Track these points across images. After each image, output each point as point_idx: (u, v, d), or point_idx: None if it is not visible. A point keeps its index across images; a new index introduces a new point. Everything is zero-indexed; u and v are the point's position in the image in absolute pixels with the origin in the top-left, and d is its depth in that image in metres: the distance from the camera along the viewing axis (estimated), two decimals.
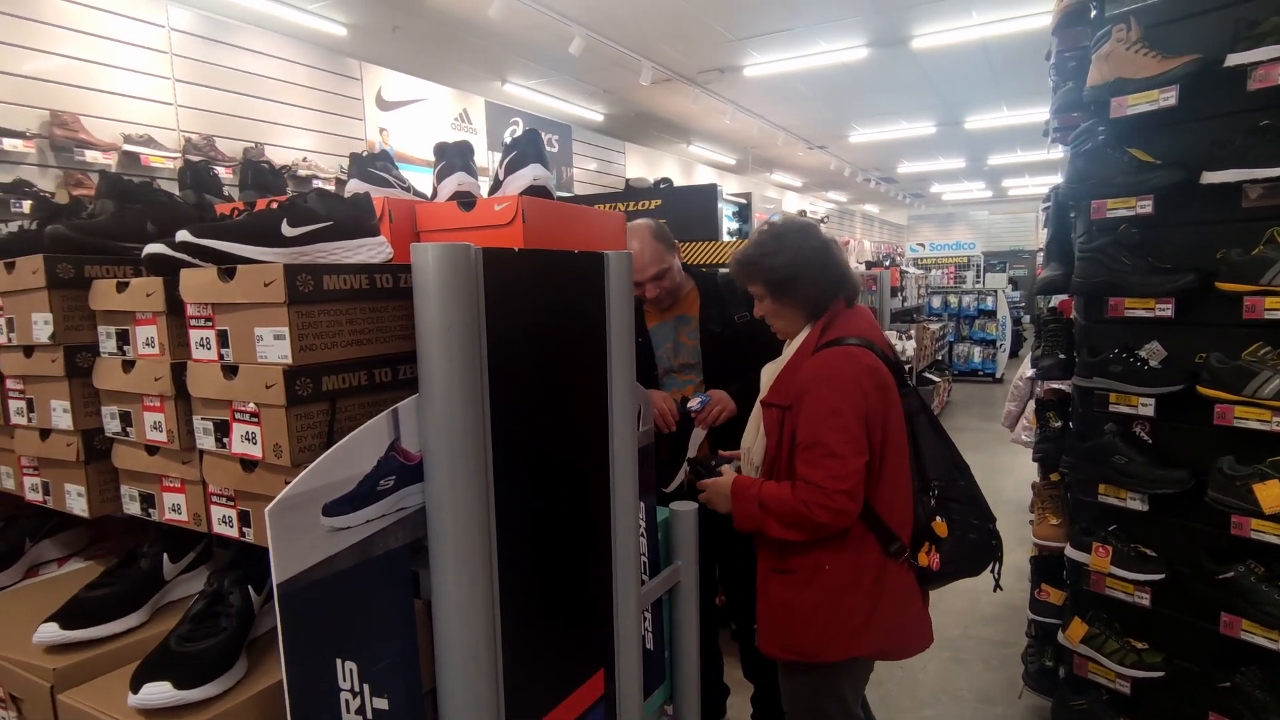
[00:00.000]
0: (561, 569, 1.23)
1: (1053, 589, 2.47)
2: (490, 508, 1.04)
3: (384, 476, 0.96)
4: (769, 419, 1.71)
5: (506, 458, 1.06)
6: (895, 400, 1.66)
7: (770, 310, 1.74)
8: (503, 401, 1.05)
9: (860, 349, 1.64)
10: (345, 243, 1.06)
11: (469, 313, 0.98)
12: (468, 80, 7.07)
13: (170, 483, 1.06)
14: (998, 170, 15.04)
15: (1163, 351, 2.04)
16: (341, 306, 0.94)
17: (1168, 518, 2.06)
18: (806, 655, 1.68)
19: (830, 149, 12.19)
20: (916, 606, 1.72)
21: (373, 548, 0.95)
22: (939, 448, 1.73)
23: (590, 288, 1.25)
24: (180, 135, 4.31)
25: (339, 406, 0.95)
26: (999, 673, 2.95)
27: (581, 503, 1.27)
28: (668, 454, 2.19)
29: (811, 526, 1.58)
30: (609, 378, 1.31)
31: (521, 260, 1.09)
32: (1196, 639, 2.03)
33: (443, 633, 1.01)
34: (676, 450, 2.19)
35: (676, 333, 2.34)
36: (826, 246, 1.73)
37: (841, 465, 1.55)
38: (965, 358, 10.30)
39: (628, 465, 1.35)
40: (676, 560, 1.63)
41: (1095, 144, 2.13)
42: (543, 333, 1.14)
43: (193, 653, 0.88)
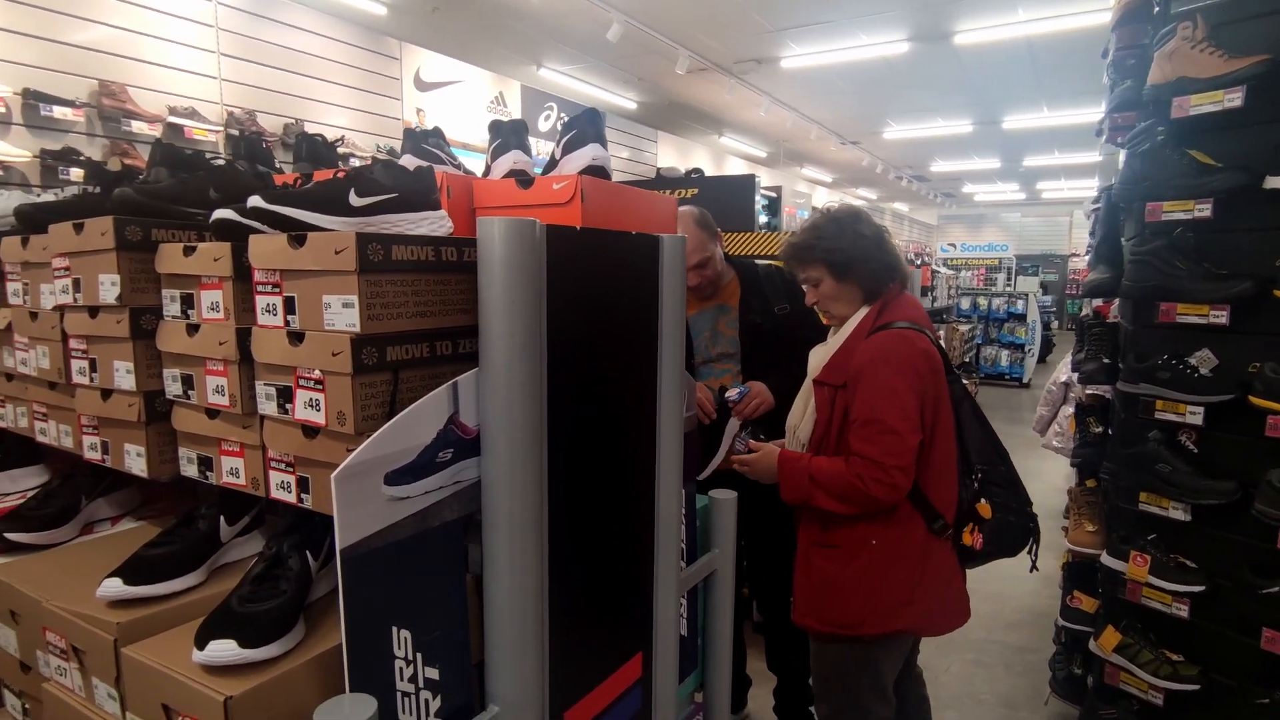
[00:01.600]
0: (606, 550, 1.23)
1: (1085, 596, 2.44)
2: (544, 483, 1.04)
3: (443, 449, 0.96)
4: (820, 397, 1.73)
5: (560, 436, 1.07)
6: (945, 385, 1.68)
7: (829, 293, 1.74)
8: (559, 379, 1.05)
9: (914, 332, 1.65)
10: (409, 215, 1.06)
11: (532, 288, 0.98)
12: (504, 63, 7.06)
13: (229, 446, 1.07)
14: (1033, 172, 14.79)
15: (1214, 359, 1.99)
16: (408, 277, 0.94)
17: (1211, 529, 2.02)
18: (847, 628, 1.70)
19: (863, 145, 12.05)
20: (957, 584, 1.76)
21: (430, 519, 0.95)
22: (982, 434, 1.75)
23: (645, 270, 1.25)
24: (223, 109, 4.36)
25: (402, 377, 0.96)
26: (1023, 678, 2.92)
27: (627, 485, 1.27)
28: (701, 443, 2.19)
29: (865, 500, 1.60)
30: (659, 361, 1.30)
31: (582, 239, 1.09)
32: (1235, 654, 1.99)
33: (493, 607, 1.01)
34: (710, 439, 2.18)
35: (715, 321, 2.33)
36: (881, 231, 1.75)
37: (898, 442, 1.57)
38: (993, 361, 10.17)
39: (674, 450, 1.34)
40: (714, 548, 1.63)
41: (1153, 144, 2.08)
42: (598, 313, 1.14)
43: (255, 613, 0.89)
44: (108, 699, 0.96)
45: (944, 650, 3.08)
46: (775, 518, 2.10)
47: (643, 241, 1.23)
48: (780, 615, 2.33)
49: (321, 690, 0.92)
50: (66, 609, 1.01)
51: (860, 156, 12.72)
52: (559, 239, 1.03)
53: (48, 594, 1.06)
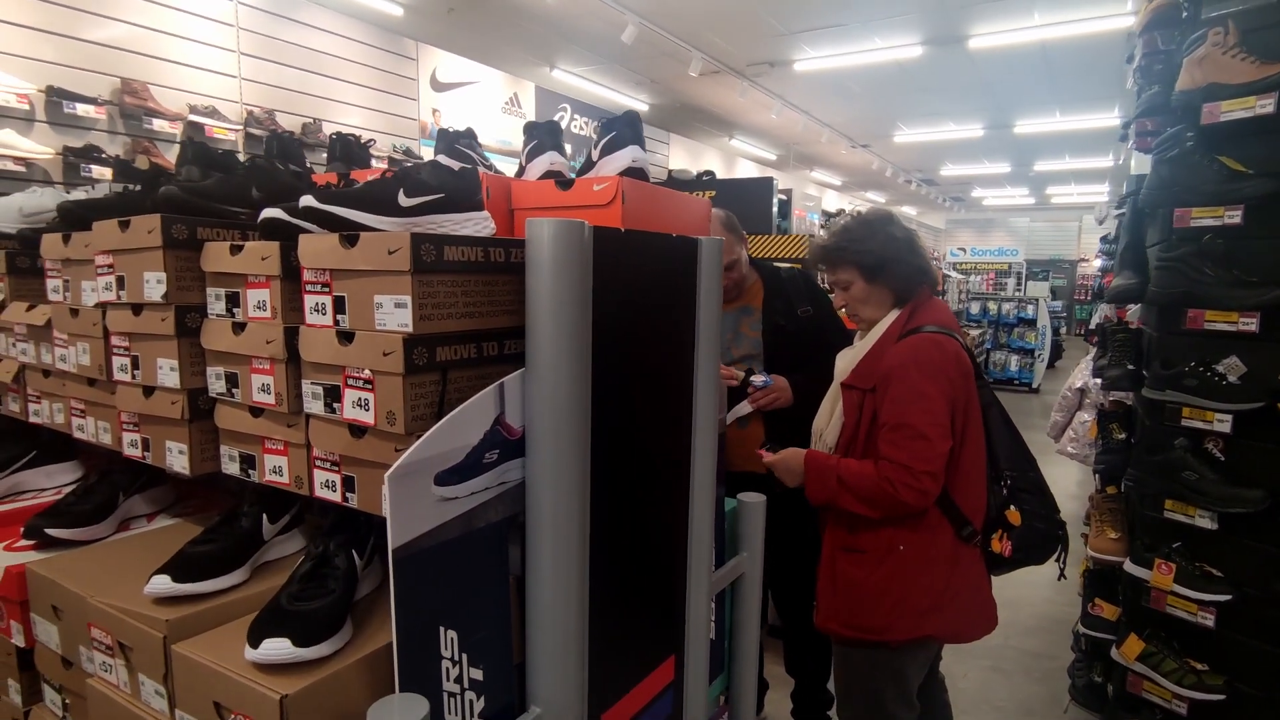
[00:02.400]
0: (643, 553, 1.23)
1: (1106, 604, 2.43)
2: (587, 485, 1.04)
3: (489, 449, 0.96)
4: (849, 401, 1.72)
5: (603, 438, 1.07)
6: (974, 390, 1.68)
7: (860, 295, 1.74)
8: (602, 381, 1.05)
9: (945, 337, 1.65)
10: (454, 215, 1.07)
11: (580, 290, 0.98)
12: (519, 65, 7.09)
13: (273, 445, 1.07)
14: (1043, 177, 14.75)
15: (1242, 367, 1.98)
16: (458, 278, 0.94)
17: (1238, 538, 2.01)
18: (873, 633, 1.69)
19: (873, 148, 12.03)
20: (985, 592, 1.75)
21: (476, 519, 0.96)
22: (1010, 440, 1.74)
23: (684, 272, 1.25)
24: (242, 108, 4.38)
25: (450, 378, 0.96)
26: (1041, 685, 2.91)
27: (664, 487, 1.27)
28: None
29: (893, 504, 1.60)
30: (696, 364, 1.30)
31: (626, 241, 1.09)
32: (1262, 663, 1.98)
33: (536, 608, 1.01)
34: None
35: (739, 323, 2.33)
36: (912, 234, 1.75)
37: (928, 447, 1.57)
38: (1002, 366, 10.14)
39: (709, 452, 1.34)
40: (742, 551, 1.62)
41: (1182, 150, 2.07)
42: (640, 315, 1.14)
43: (306, 611, 0.89)
44: (155, 696, 0.97)
45: (961, 656, 3.07)
46: (796, 520, 2.10)
47: (682, 244, 1.23)
48: (800, 619, 2.32)
49: (371, 690, 0.92)
50: (114, 605, 1.01)
51: (870, 160, 12.71)
52: (606, 241, 1.03)
53: (92, 590, 1.07)
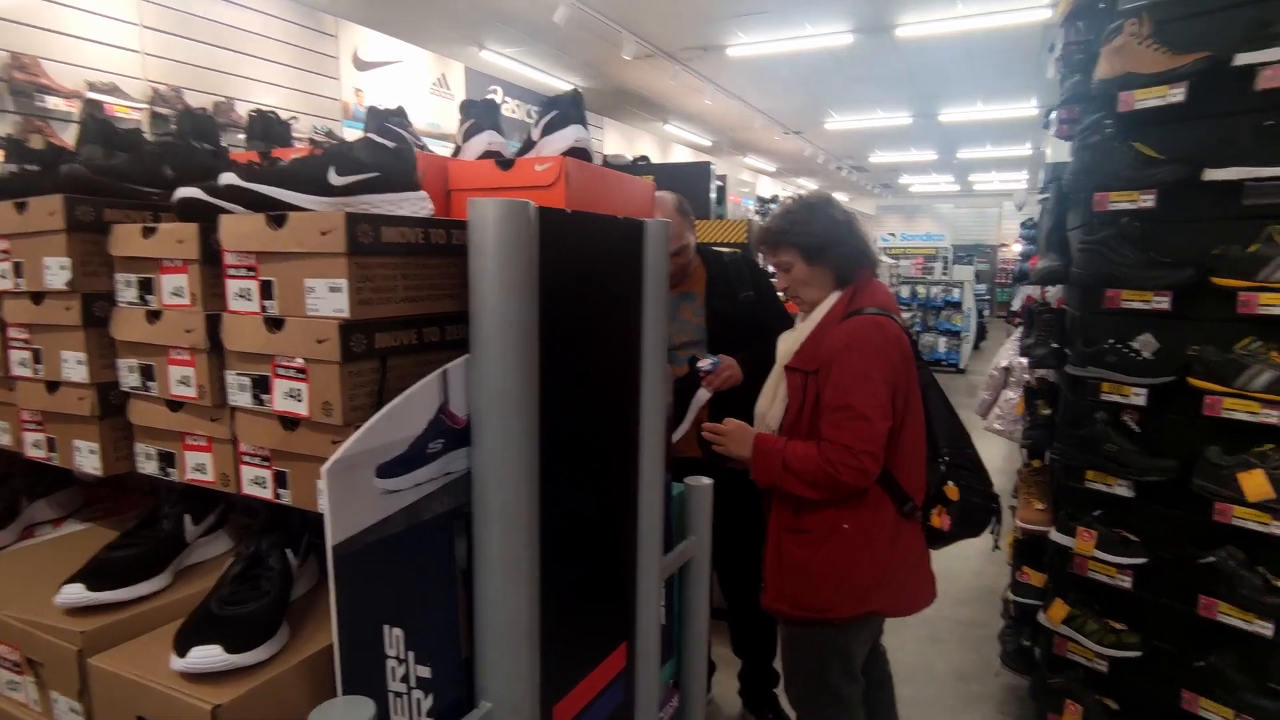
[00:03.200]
0: (593, 541, 1.21)
1: (1034, 571, 2.54)
2: (535, 474, 1.01)
3: (433, 439, 0.92)
4: (792, 383, 1.74)
5: (551, 425, 1.04)
6: (913, 370, 1.72)
7: (801, 277, 1.75)
8: (551, 367, 1.02)
9: (885, 319, 1.67)
10: (390, 195, 1.01)
11: (526, 273, 0.94)
12: (446, 44, 6.88)
13: (195, 441, 1.00)
14: (966, 164, 15.29)
15: (1155, 343, 2.09)
16: (398, 261, 0.90)
17: (1153, 504, 2.13)
18: (819, 611, 1.72)
19: (806, 135, 12.23)
20: (925, 566, 1.81)
21: (420, 512, 0.92)
22: (948, 419, 1.79)
23: (630, 255, 1.22)
24: (147, 85, 4.11)
25: (390, 365, 0.91)
26: (974, 652, 3.03)
27: (613, 475, 1.25)
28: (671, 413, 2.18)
29: (834, 485, 1.62)
30: (642, 348, 1.28)
31: (573, 222, 1.06)
32: (1175, 621, 2.11)
33: (484, 601, 0.98)
34: (677, 410, 2.17)
35: (680, 309, 2.32)
36: (851, 217, 1.77)
37: (869, 428, 1.59)
38: (931, 348, 10.50)
39: (657, 438, 1.33)
40: (690, 536, 1.62)
41: (1101, 137, 2.16)
42: (587, 299, 1.11)
43: (238, 616, 0.84)
44: (69, 714, 0.89)
45: (898, 627, 3.17)
46: (740, 502, 2.11)
47: (628, 226, 1.21)
48: (746, 599, 2.35)
49: (312, 694, 0.87)
50: (20, 618, 0.93)
51: (802, 146, 12.92)
52: (552, 222, 1.00)
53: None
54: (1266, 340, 1.89)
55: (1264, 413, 1.86)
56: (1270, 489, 1.84)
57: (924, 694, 2.75)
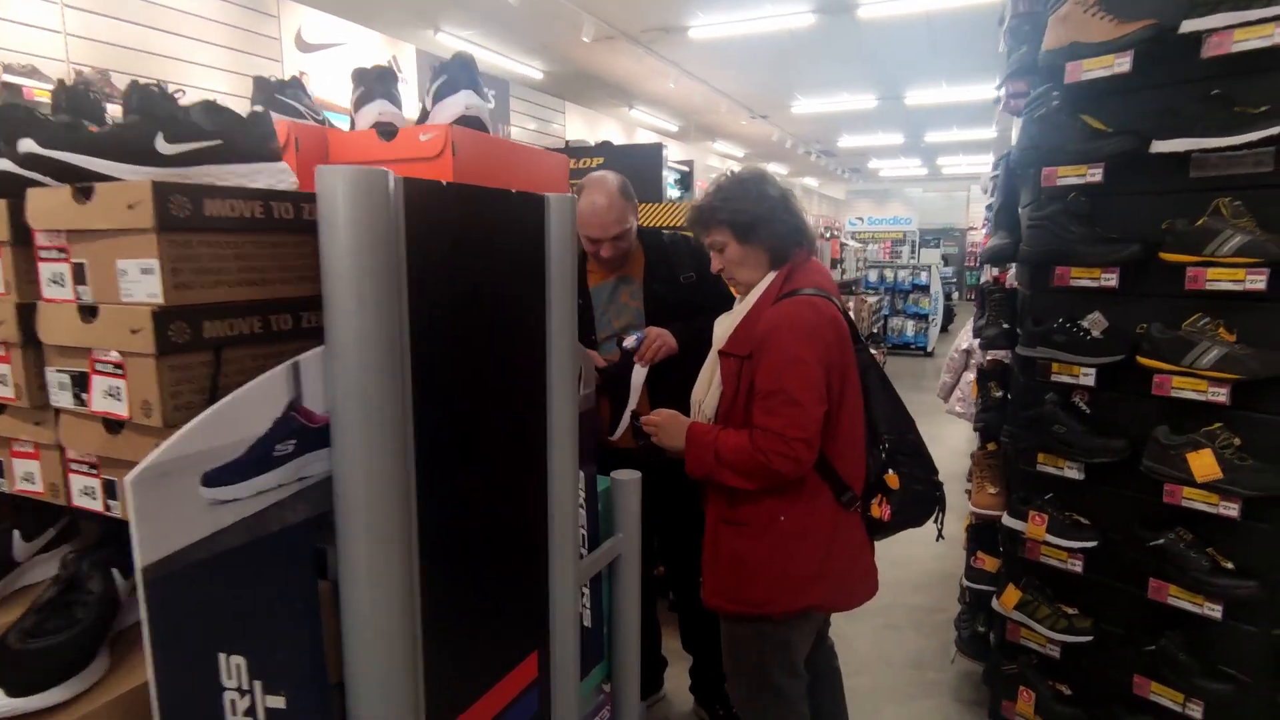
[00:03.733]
0: (492, 544, 1.11)
1: (988, 556, 2.49)
2: (410, 476, 0.91)
3: (281, 440, 0.82)
4: (726, 369, 1.66)
5: (430, 419, 0.93)
6: (852, 354, 1.64)
7: (734, 258, 1.66)
8: (426, 355, 0.92)
9: (821, 300, 1.59)
10: (238, 166, 0.90)
11: (385, 251, 0.84)
12: (397, 25, 6.67)
13: (21, 447, 0.89)
14: (934, 148, 15.33)
15: (1105, 322, 2.04)
16: (229, 238, 0.79)
17: (1103, 486, 2.08)
18: (756, 607, 1.65)
19: (772, 119, 12.15)
20: (865, 558, 1.73)
21: (267, 523, 0.81)
22: (889, 403, 1.71)
23: (529, 234, 1.12)
24: (70, 68, 3.89)
25: (226, 358, 0.80)
26: (931, 639, 2.99)
27: (515, 471, 1.15)
28: (610, 400, 2.09)
29: (767, 475, 1.55)
30: (548, 335, 1.18)
31: (451, 195, 0.95)
32: (1125, 604, 2.07)
33: (353, 618, 0.88)
34: (618, 395, 2.08)
35: (618, 293, 2.22)
36: (786, 194, 1.68)
37: (802, 414, 1.51)
38: (899, 331, 10.53)
39: (567, 430, 1.23)
40: (617, 532, 1.53)
41: (1049, 110, 2.09)
42: (474, 280, 1.01)
43: (37, 650, 0.73)
44: None
45: (854, 617, 3.12)
46: (686, 494, 2.03)
47: (525, 201, 1.10)
48: (693, 594, 2.27)
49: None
50: None
51: (770, 131, 12.84)
52: (422, 194, 0.89)
53: None
54: (1214, 316, 1.84)
55: (1212, 391, 1.81)
56: (1218, 469, 1.80)
57: (880, 683, 2.71)
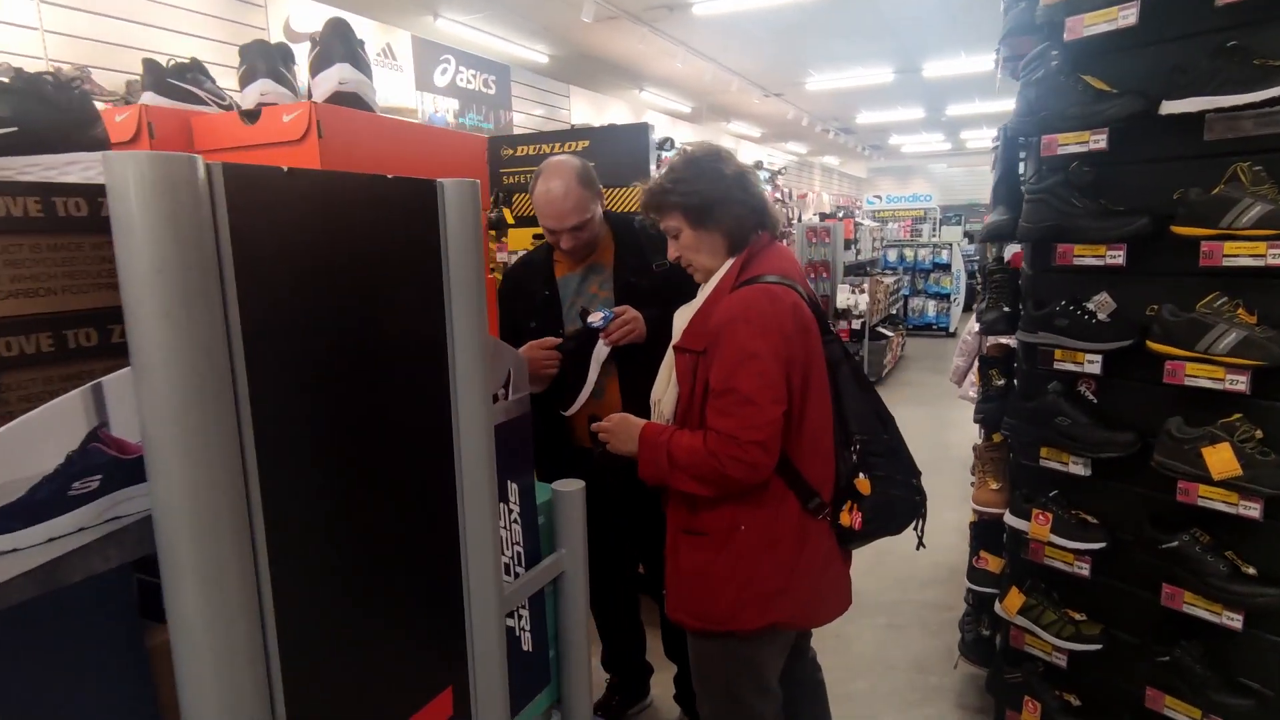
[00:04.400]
0: (378, 575, 0.99)
1: (991, 556, 2.33)
2: (254, 508, 0.79)
3: (81, 477, 0.70)
4: (681, 366, 1.52)
5: (280, 440, 0.81)
6: (817, 346, 1.49)
7: (689, 244, 1.53)
8: (269, 368, 0.79)
9: (781, 288, 1.45)
10: (45, 158, 0.78)
11: (197, 251, 0.71)
12: (395, 12, 6.54)
13: None
14: (956, 121, 14.87)
15: (1112, 303, 1.86)
16: None
17: (1111, 482, 1.91)
18: (719, 623, 1.53)
19: (787, 97, 11.84)
20: (836, 568, 1.59)
21: (66, 572, 0.69)
22: (862, 399, 1.56)
23: (417, 225, 0.99)
24: (50, 65, 3.84)
25: (5, 383, 0.68)
26: (937, 639, 2.84)
27: (408, 491, 1.03)
28: (569, 373, 1.96)
29: (721, 481, 1.41)
30: (449, 337, 1.05)
31: (294, 183, 0.82)
32: (1136, 610, 1.90)
33: (185, 676, 0.77)
34: (577, 370, 1.95)
35: (586, 283, 2.09)
36: (744, 172, 1.54)
37: (756, 413, 1.38)
38: (920, 312, 10.26)
39: (479, 443, 1.10)
40: (560, 548, 1.41)
41: (1048, 71, 1.90)
42: (335, 280, 0.88)
43: None
44: None
45: (856, 616, 2.97)
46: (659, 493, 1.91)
47: (410, 188, 0.97)
48: None
49: None
50: None
51: (785, 109, 12.53)
52: (251, 183, 0.76)
53: None
54: (1232, 296, 1.65)
55: (1230, 379, 1.63)
56: (1237, 465, 1.62)
57: (879, 687, 2.56)
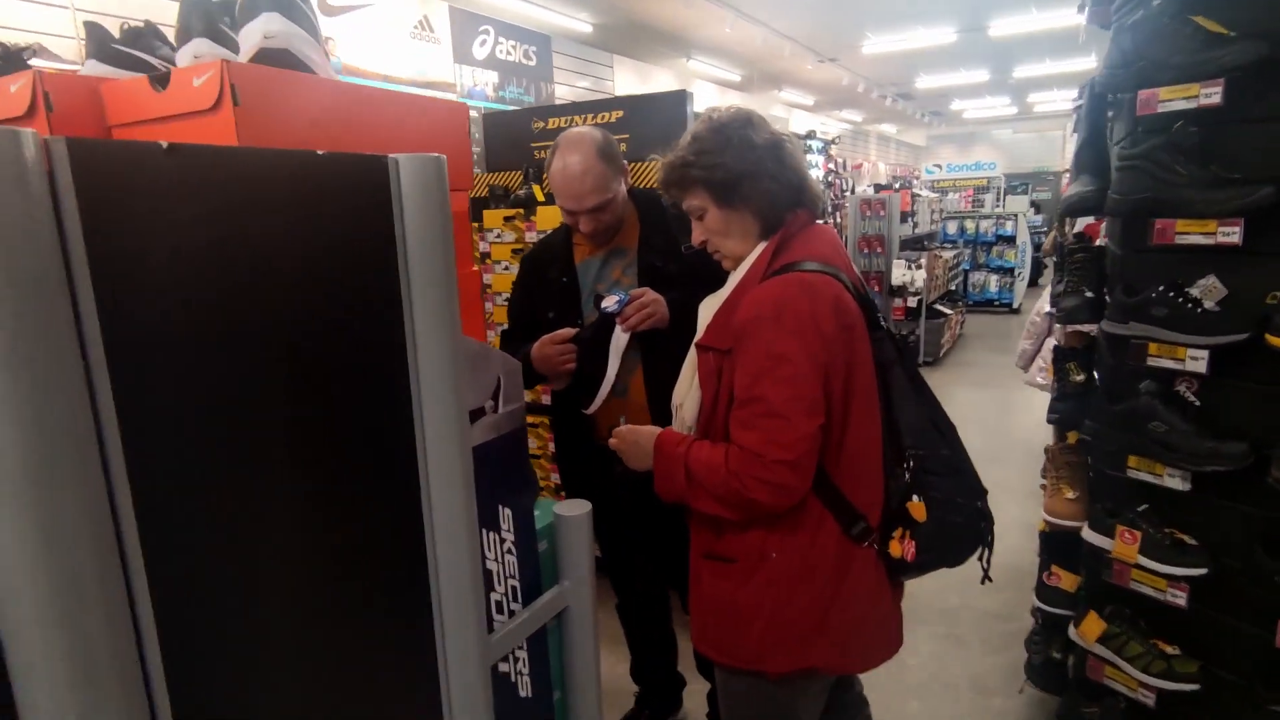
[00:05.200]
0: (315, 630, 0.82)
1: (1065, 573, 2.07)
2: (115, 559, 0.63)
3: None
4: (705, 366, 1.32)
5: (164, 476, 0.65)
6: (864, 346, 1.27)
7: (717, 226, 1.32)
8: (143, 384, 0.62)
9: (821, 277, 1.23)
10: None
11: (25, 248, 0.54)
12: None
13: None
14: (1023, 84, 14.03)
15: (1222, 289, 1.57)
16: None
17: (1215, 500, 1.64)
18: (746, 662, 1.34)
19: (842, 62, 11.31)
20: (884, 605, 1.37)
21: None
22: (918, 407, 1.32)
23: (362, 213, 0.81)
24: (80, 45, 3.79)
25: None
26: (1000, 655, 2.59)
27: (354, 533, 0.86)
28: (586, 369, 1.79)
29: (745, 504, 1.22)
30: (410, 348, 0.88)
31: (178, 163, 0.64)
32: (1242, 648, 1.64)
33: None
34: (596, 363, 1.77)
35: (609, 268, 1.89)
36: (779, 141, 1.31)
37: (785, 428, 1.17)
38: (980, 287, 9.74)
39: (452, 469, 0.92)
40: (563, 580, 1.23)
41: (1148, 12, 1.61)
42: (245, 286, 0.70)
43: None
44: None
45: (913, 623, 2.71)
46: None
47: (349, 167, 0.79)
48: None
49: None
50: None
51: (840, 75, 11.99)
52: (109, 166, 0.59)
53: None
54: None
55: None
56: None
57: (935, 710, 2.34)
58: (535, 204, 3.03)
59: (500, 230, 3.02)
